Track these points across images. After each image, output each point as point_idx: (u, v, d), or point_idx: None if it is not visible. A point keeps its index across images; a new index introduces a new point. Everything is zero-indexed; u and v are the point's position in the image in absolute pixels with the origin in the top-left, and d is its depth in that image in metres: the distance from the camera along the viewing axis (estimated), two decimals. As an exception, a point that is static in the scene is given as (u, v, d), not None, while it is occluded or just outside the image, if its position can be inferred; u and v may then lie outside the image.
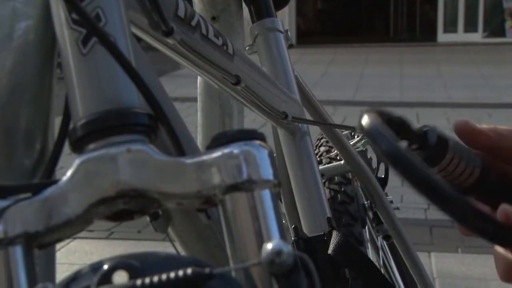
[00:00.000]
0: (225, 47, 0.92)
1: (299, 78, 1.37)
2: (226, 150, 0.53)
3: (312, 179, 1.23)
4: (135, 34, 0.76)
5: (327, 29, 16.45)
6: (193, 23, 0.83)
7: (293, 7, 13.93)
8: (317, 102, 1.45)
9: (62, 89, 0.66)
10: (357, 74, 9.34)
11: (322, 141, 1.76)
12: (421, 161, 0.59)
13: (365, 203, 1.68)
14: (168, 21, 0.77)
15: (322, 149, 1.73)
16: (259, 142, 0.54)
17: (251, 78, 1.01)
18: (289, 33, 1.39)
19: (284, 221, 1.42)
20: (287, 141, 1.26)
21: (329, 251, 1.04)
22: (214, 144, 0.54)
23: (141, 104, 0.56)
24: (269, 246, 0.47)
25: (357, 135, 1.65)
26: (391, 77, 9.03)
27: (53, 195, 0.52)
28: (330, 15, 17.17)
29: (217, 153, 0.53)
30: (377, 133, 0.59)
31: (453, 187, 0.63)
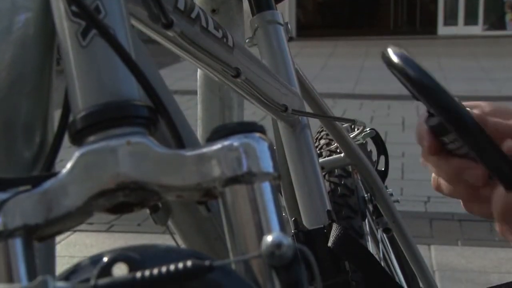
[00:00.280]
0: (225, 40, 0.92)
1: (299, 70, 1.37)
2: (226, 142, 0.53)
3: (312, 172, 1.23)
4: (134, 26, 0.76)
5: (327, 21, 16.41)
6: (193, 15, 0.83)
7: (293, -1, 13.93)
8: (317, 95, 1.45)
9: (62, 82, 0.66)
10: (357, 67, 9.33)
11: (322, 134, 1.76)
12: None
13: (365, 196, 1.68)
14: (168, 13, 0.77)
15: (322, 142, 1.73)
16: (259, 135, 0.54)
17: (251, 71, 1.01)
18: (289, 26, 1.39)
19: (284, 214, 1.42)
20: (287, 134, 1.26)
21: (329, 243, 1.04)
22: (214, 136, 0.54)
23: (140, 96, 0.56)
24: (269, 238, 0.47)
25: (357, 128, 1.64)
26: (391, 70, 9.00)
27: (53, 187, 0.52)
28: (330, 8, 17.14)
29: (217, 146, 0.53)
30: (406, 60, 0.61)
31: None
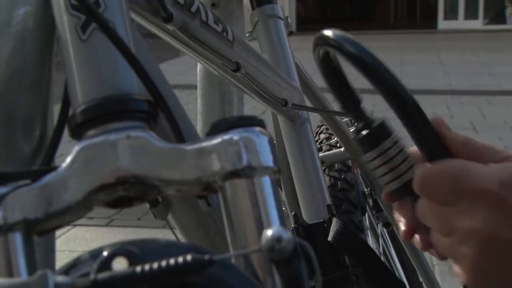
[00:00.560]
0: (224, 34, 0.91)
1: (299, 65, 1.37)
2: (226, 136, 0.53)
3: (312, 166, 1.23)
4: (134, 20, 0.75)
5: (327, 16, 16.40)
6: (193, 9, 0.83)
7: (293, -6, 13.90)
8: (317, 89, 1.45)
9: (61, 76, 0.66)
10: (357, 62, 9.31)
11: (322, 128, 1.76)
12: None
13: (365, 190, 1.68)
14: (168, 7, 0.76)
15: (322, 136, 1.73)
16: (259, 129, 0.54)
17: (251, 65, 1.01)
18: (289, 20, 1.38)
19: (284, 208, 1.42)
20: (287, 128, 1.25)
21: (329, 238, 1.04)
22: (214, 130, 0.54)
23: (140, 90, 0.56)
24: (269, 232, 0.47)
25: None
26: (391, 64, 8.87)
27: (53, 181, 0.52)
28: (330, 2, 17.12)
29: (217, 140, 0.53)
30: (345, 39, 0.65)
31: (393, 175, 0.66)
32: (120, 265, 0.47)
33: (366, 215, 1.63)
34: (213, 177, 0.52)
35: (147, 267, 0.45)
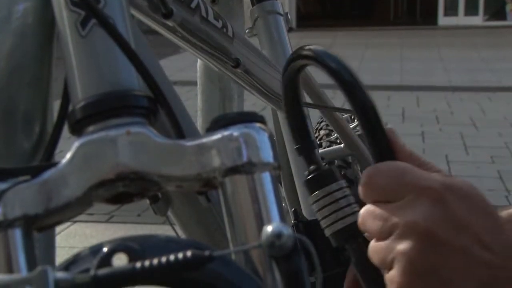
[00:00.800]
0: (224, 30, 0.91)
1: (299, 61, 1.36)
2: (226, 132, 0.53)
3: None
4: (134, 16, 0.75)
5: (327, 12, 16.40)
6: (193, 5, 0.83)
7: (293, -10, 13.89)
8: (317, 85, 1.45)
9: (61, 72, 0.65)
10: (357, 58, 9.32)
11: (322, 124, 1.76)
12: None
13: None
14: (168, 3, 0.76)
15: (322, 132, 1.72)
16: (259, 125, 0.54)
17: (251, 61, 1.01)
18: (289, 16, 1.38)
19: (284, 204, 1.42)
20: (287, 124, 1.25)
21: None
22: (214, 126, 0.54)
23: (140, 86, 0.56)
24: (269, 228, 0.47)
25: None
26: (391, 61, 9.01)
27: (53, 177, 0.52)
28: (330, -2, 17.11)
29: (217, 136, 0.53)
30: (325, 53, 0.69)
31: (337, 216, 0.72)
32: (120, 261, 0.47)
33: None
34: (213, 173, 0.52)
35: (147, 263, 0.45)
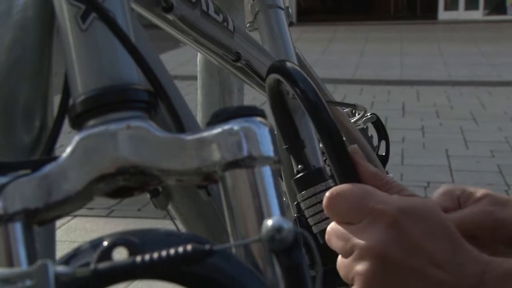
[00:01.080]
0: (225, 24, 0.91)
1: (300, 55, 1.36)
2: (226, 126, 0.53)
3: (313, 156, 1.22)
4: (134, 10, 0.75)
5: (327, 7, 16.38)
6: (193, -1, 0.83)
7: (293, -16, 13.87)
8: (318, 79, 1.44)
9: (61, 67, 0.65)
10: (357, 52, 9.32)
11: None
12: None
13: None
14: (168, -3, 0.76)
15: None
16: (260, 119, 0.54)
17: (251, 55, 1.01)
18: (290, 10, 1.38)
19: (285, 198, 1.42)
20: (287, 118, 1.25)
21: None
22: (214, 120, 0.54)
23: (140, 80, 0.56)
24: (269, 222, 0.47)
25: (358, 113, 1.64)
26: (391, 55, 9.01)
27: (53, 171, 0.52)
28: (331, -7, 17.09)
29: (217, 130, 0.53)
30: (300, 76, 0.71)
31: (323, 216, 0.76)
32: (120, 255, 0.47)
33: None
34: (213, 167, 0.52)
35: (147, 257, 0.45)
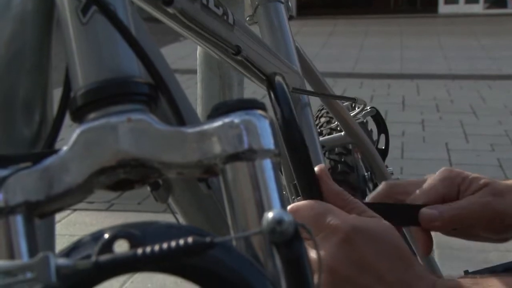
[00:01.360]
0: (225, 17, 0.91)
1: (300, 49, 1.36)
2: (227, 119, 0.53)
3: (313, 150, 1.23)
4: (135, 3, 0.75)
5: (327, 0, 16.35)
6: (193, -8, 0.82)
7: (293, -22, 13.85)
8: (318, 73, 1.44)
9: (61, 61, 0.65)
10: (357, 46, 9.31)
11: (323, 112, 1.76)
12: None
13: (366, 174, 1.68)
14: (168, -10, 0.76)
15: (323, 119, 1.73)
16: (260, 112, 0.54)
17: (251, 49, 1.00)
18: (289, 4, 1.38)
19: (285, 192, 1.42)
20: (287, 112, 1.25)
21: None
22: (215, 113, 0.54)
23: (141, 73, 0.56)
24: (270, 215, 0.47)
25: (357, 106, 1.64)
26: (391, 49, 9.00)
27: (54, 164, 0.52)
28: (331, -14, 17.04)
29: (217, 123, 0.53)
30: (283, 93, 0.79)
31: None
32: (121, 247, 0.47)
33: (366, 198, 1.63)
34: (214, 160, 0.52)
35: (148, 249, 0.45)
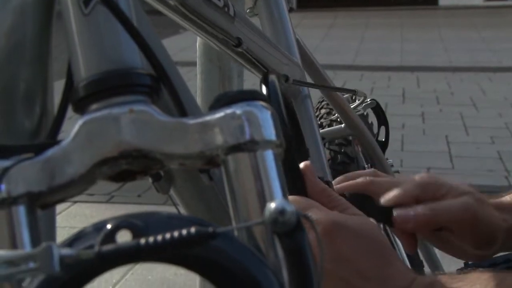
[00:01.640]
0: (226, 9, 0.91)
1: (300, 41, 1.36)
2: (229, 110, 0.53)
3: (313, 142, 1.23)
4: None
5: (327, -8, 16.31)
6: (194, -16, 0.82)
7: (293, -30, 13.81)
8: (318, 65, 1.45)
9: (61, 53, 0.65)
10: (357, 38, 9.30)
11: (323, 103, 1.76)
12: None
13: (366, 166, 1.69)
14: (169, -18, 0.76)
15: (323, 111, 1.73)
16: (262, 103, 0.54)
17: (252, 41, 1.01)
18: (290, -4, 1.38)
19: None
20: (288, 104, 1.25)
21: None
22: (217, 104, 0.54)
23: (143, 64, 0.56)
24: (272, 205, 0.48)
25: (358, 98, 1.64)
26: (391, 41, 8.99)
27: (56, 155, 0.52)
28: (331, -21, 17.00)
29: (219, 114, 0.53)
30: (274, 91, 0.82)
31: None
32: (123, 238, 0.47)
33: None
34: (216, 151, 0.53)
35: (151, 239, 0.45)
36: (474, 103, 5.61)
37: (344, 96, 1.57)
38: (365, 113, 1.67)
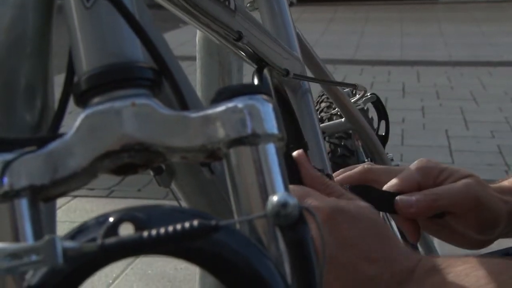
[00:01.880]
0: (227, 3, 0.91)
1: (301, 35, 1.36)
2: (231, 104, 0.53)
3: (313, 136, 1.23)
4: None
5: (327, -13, 16.30)
6: (195, -22, 0.82)
7: (293, -36, 13.80)
8: (318, 59, 1.45)
9: (61, 47, 0.65)
10: (357, 33, 9.29)
11: (323, 97, 1.76)
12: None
13: (366, 160, 1.69)
14: (170, -25, 0.76)
15: (323, 105, 1.73)
16: (263, 97, 0.54)
17: (253, 35, 1.01)
18: (290, -10, 1.38)
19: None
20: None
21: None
22: (218, 98, 0.54)
23: (145, 58, 0.56)
24: (274, 198, 0.48)
25: (358, 93, 1.64)
26: (391, 36, 8.99)
27: (58, 148, 0.52)
28: (331, -27, 16.99)
29: (221, 107, 0.53)
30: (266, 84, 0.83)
31: None
32: (126, 230, 0.48)
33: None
34: (218, 144, 0.53)
35: (154, 232, 0.45)
36: (474, 98, 5.61)
37: (345, 91, 1.57)
38: (365, 107, 1.67)
